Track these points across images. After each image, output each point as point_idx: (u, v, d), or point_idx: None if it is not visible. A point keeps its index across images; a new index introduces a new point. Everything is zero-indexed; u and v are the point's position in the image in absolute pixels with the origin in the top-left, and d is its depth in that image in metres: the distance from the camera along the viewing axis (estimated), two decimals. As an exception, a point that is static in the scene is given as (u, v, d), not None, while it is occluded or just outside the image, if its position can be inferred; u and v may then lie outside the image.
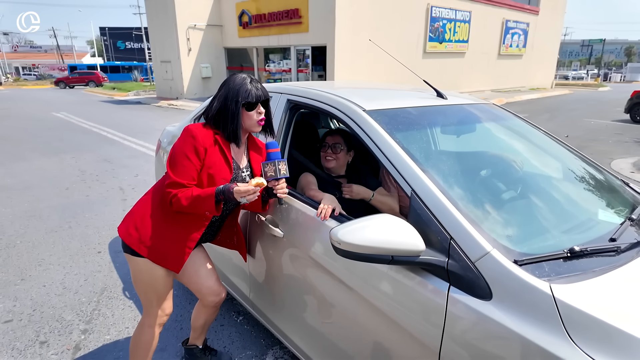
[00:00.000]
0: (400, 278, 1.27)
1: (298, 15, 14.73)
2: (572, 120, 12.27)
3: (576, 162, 1.92)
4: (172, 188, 1.54)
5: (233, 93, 1.58)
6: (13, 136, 9.20)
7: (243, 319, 2.52)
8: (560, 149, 1.97)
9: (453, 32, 18.32)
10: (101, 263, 3.22)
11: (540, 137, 2.02)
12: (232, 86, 1.60)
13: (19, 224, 4.00)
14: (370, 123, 1.53)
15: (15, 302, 2.67)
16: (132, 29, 53.75)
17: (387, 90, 2.15)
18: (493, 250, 1.12)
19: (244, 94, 1.57)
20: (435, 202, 1.24)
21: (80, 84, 31.11)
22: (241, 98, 1.57)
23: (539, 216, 1.48)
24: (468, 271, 1.13)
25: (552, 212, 1.53)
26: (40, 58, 66.89)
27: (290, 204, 1.75)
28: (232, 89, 1.59)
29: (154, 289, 1.68)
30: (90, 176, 5.82)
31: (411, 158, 1.37)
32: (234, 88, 1.59)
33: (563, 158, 1.94)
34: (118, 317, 2.54)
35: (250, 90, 1.58)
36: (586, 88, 30.39)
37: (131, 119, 12.27)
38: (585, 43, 71.85)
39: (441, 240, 1.19)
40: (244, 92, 1.57)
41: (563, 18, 27.21)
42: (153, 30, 19.01)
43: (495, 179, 1.61)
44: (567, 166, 1.91)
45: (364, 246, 1.15)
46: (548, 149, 1.99)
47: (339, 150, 2.07)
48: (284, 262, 1.78)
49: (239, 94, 1.57)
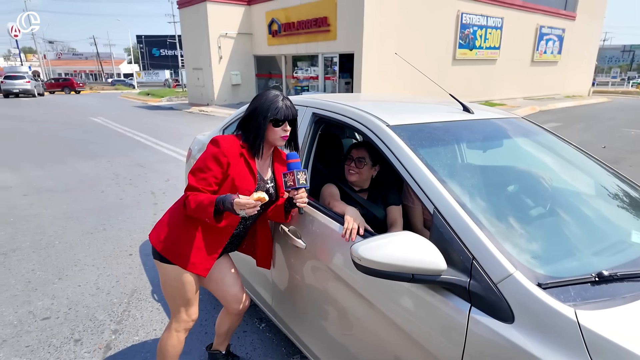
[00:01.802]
0: (421, 294, 1.27)
1: (326, 23, 14.87)
2: (610, 130, 11.74)
3: (609, 178, 1.86)
4: (188, 191, 1.62)
5: (263, 108, 1.63)
6: (54, 140, 9.73)
7: (265, 326, 2.57)
8: (593, 165, 1.91)
9: (484, 39, 17.97)
10: (132, 265, 3.36)
11: (571, 151, 1.96)
12: (263, 101, 1.65)
13: (57, 225, 4.23)
14: (394, 138, 1.54)
15: (53, 300, 2.82)
16: (166, 37, 55.84)
17: (413, 104, 2.16)
18: (516, 272, 1.11)
19: (273, 111, 1.62)
20: (457, 221, 1.24)
21: (57, 89, 32.74)
22: (270, 114, 1.62)
23: (567, 236, 1.45)
24: (490, 293, 1.12)
25: (580, 232, 1.49)
26: (81, 65, 70.53)
27: (312, 216, 1.78)
28: (262, 103, 1.65)
29: (181, 295, 1.75)
30: (124, 180, 6.08)
31: (434, 175, 1.37)
32: (264, 103, 1.64)
33: (595, 174, 1.88)
34: (146, 319, 2.64)
35: (280, 109, 1.63)
36: (626, 96, 29.00)
37: (163, 124, 12.71)
38: (626, 48, 68.72)
39: (463, 260, 1.19)
40: (274, 109, 1.62)
41: (602, 23, 26.16)
42: (186, 38, 19.68)
43: (522, 196, 1.58)
44: (600, 183, 1.85)
45: (385, 263, 1.16)
46: (579, 165, 1.93)
47: (362, 164, 2.07)
48: (305, 272, 1.81)
49: (269, 110, 1.62)
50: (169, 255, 1.67)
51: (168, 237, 1.69)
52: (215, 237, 1.71)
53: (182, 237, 1.68)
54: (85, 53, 75.08)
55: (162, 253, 1.68)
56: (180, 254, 1.67)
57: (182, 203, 1.65)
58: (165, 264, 1.70)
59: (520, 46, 20.13)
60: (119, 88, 42.48)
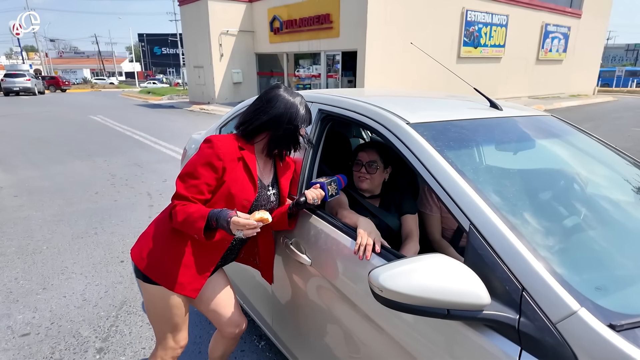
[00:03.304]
0: (456, 331, 1.04)
1: (329, 20, 14.61)
2: (619, 130, 11.46)
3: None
4: (175, 200, 1.38)
5: (293, 113, 1.46)
6: (52, 138, 9.51)
7: (265, 344, 2.33)
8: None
9: (489, 37, 17.67)
10: (123, 274, 3.13)
11: (613, 156, 1.71)
12: (287, 105, 1.46)
13: (47, 229, 4.01)
14: (416, 139, 1.31)
15: (34, 314, 2.60)
16: (168, 36, 55.69)
17: (432, 99, 1.92)
18: (581, 310, 0.87)
19: (301, 118, 1.48)
20: (501, 241, 1.00)
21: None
22: (300, 123, 1.48)
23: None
24: (547, 334, 0.89)
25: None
26: (83, 63, 70.42)
27: (319, 228, 1.55)
28: (288, 108, 1.46)
29: (167, 319, 1.52)
30: (119, 180, 5.85)
31: (468, 183, 1.14)
32: (291, 109, 1.46)
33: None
34: (135, 335, 2.41)
35: (308, 114, 1.53)
36: (632, 95, 28.61)
37: (163, 123, 12.49)
38: (630, 47, 68.15)
39: (510, 291, 0.95)
40: (302, 117, 1.49)
41: (607, 21, 25.77)
42: (187, 36, 19.45)
43: (580, 209, 1.32)
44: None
45: (413, 296, 0.93)
46: (628, 172, 1.69)
47: (374, 169, 1.83)
48: (310, 292, 1.58)
49: (298, 115, 1.47)
50: (153, 274, 1.44)
51: (152, 253, 1.46)
52: (207, 253, 1.48)
53: (168, 253, 1.45)
54: (87, 51, 74.98)
55: (145, 272, 1.45)
56: (166, 273, 1.44)
57: (169, 213, 1.42)
58: (148, 284, 1.47)
59: (526, 44, 19.81)
60: (120, 86, 42.18)
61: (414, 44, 2.25)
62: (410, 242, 1.70)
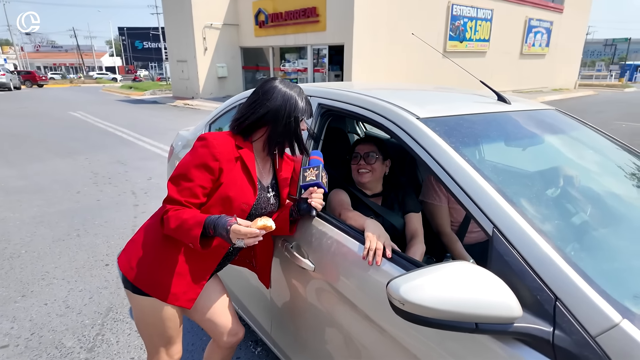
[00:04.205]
0: (483, 344, 0.95)
1: (315, 13, 14.42)
2: (603, 124, 11.65)
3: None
4: (167, 204, 1.27)
5: (289, 107, 1.33)
6: (29, 135, 9.14)
7: (262, 350, 2.23)
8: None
9: (474, 31, 17.76)
10: (108, 278, 2.98)
11: (620, 152, 1.66)
12: (284, 97, 1.33)
13: (25, 231, 3.80)
14: (428, 135, 1.22)
15: (13, 324, 2.44)
16: (149, 29, 54.49)
17: (436, 93, 1.83)
18: (623, 322, 0.80)
19: (301, 110, 1.36)
20: (530, 247, 0.92)
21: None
22: (300, 114, 1.35)
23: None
24: (586, 349, 0.81)
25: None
26: (61, 57, 68.34)
27: (322, 230, 1.45)
28: (286, 100, 1.33)
29: (160, 332, 1.40)
30: (102, 179, 5.64)
31: (489, 182, 1.05)
32: (289, 100, 1.34)
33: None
34: (123, 344, 2.28)
35: (307, 104, 1.39)
36: (611, 89, 29.25)
37: (146, 119, 12.16)
38: (608, 42, 69.71)
39: (542, 302, 0.87)
40: (302, 109, 1.36)
41: (588, 16, 26.22)
42: (170, 30, 18.98)
43: (611, 209, 1.24)
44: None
45: (439, 310, 0.84)
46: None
47: (373, 159, 1.75)
48: (313, 298, 1.48)
49: (296, 107, 1.34)
50: (143, 285, 1.32)
51: (142, 262, 1.34)
52: (203, 261, 1.37)
53: (159, 262, 1.33)
54: (65, 45, 72.71)
55: (134, 283, 1.33)
56: (158, 283, 1.32)
57: (160, 218, 1.30)
58: (138, 296, 1.35)
59: (510, 38, 20.00)
60: (100, 81, 41.07)
61: (415, 35, 2.16)
62: (417, 243, 1.62)
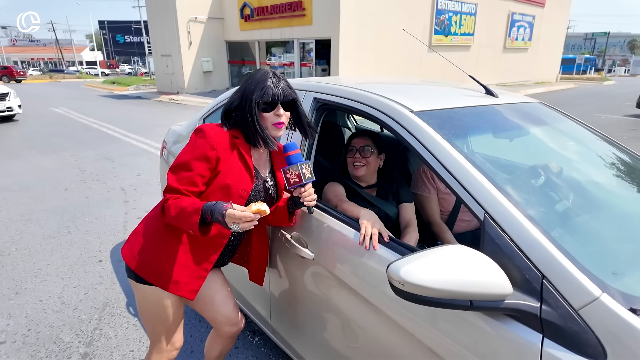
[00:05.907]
0: (474, 321, 1.03)
1: (301, 7, 14.38)
2: (583, 116, 11.93)
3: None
4: (167, 193, 1.30)
5: (249, 90, 1.32)
6: (10, 133, 8.94)
7: (259, 340, 2.29)
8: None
9: (459, 25, 17.95)
10: (102, 274, 2.99)
11: (600, 142, 1.76)
12: (250, 82, 1.34)
13: (14, 229, 3.76)
14: (422, 127, 1.28)
15: (8, 321, 2.44)
16: (131, 23, 53.30)
17: (427, 87, 1.89)
18: (603, 295, 0.88)
19: (259, 92, 1.30)
20: (518, 229, 0.99)
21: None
22: (256, 96, 1.30)
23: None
24: (570, 321, 0.89)
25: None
26: (39, 52, 66.46)
27: (320, 220, 1.51)
28: (249, 85, 1.34)
29: (162, 321, 1.44)
30: (90, 175, 5.58)
31: (480, 171, 1.12)
32: (251, 84, 1.33)
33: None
34: (122, 337, 2.30)
35: (268, 88, 1.30)
36: (591, 82, 29.97)
37: (131, 115, 11.99)
38: (588, 36, 71.09)
39: (530, 279, 0.95)
40: (260, 90, 1.30)
41: (569, 10, 26.74)
42: (153, 24, 18.65)
43: (592, 194, 1.34)
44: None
45: (437, 289, 0.90)
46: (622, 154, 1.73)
47: (368, 153, 1.81)
48: (313, 287, 1.54)
49: (255, 91, 1.31)
50: (145, 274, 1.36)
51: (145, 252, 1.37)
52: (204, 250, 1.41)
53: (161, 251, 1.37)
54: (42, 40, 70.69)
55: (137, 272, 1.37)
56: (160, 272, 1.36)
57: (161, 209, 1.33)
58: (141, 285, 1.39)
59: (493, 33, 20.28)
60: (81, 77, 40.09)
61: (405, 30, 2.22)
62: (412, 231, 1.70)
